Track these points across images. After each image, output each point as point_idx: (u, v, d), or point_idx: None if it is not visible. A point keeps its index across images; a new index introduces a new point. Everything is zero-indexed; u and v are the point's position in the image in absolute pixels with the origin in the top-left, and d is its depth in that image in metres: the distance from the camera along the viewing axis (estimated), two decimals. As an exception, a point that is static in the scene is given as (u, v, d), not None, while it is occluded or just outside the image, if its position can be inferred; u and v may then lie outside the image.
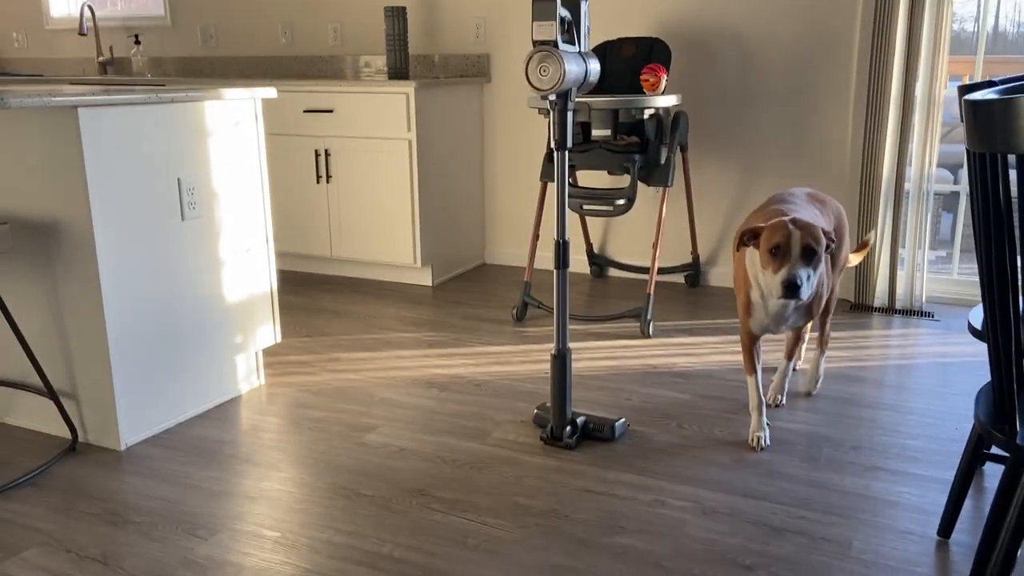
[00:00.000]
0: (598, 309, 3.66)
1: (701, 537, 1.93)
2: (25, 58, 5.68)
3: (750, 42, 3.72)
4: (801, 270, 2.09)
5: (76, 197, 2.23)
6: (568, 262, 2.34)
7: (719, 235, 3.97)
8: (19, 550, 1.89)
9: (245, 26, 4.86)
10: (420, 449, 2.38)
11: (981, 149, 1.25)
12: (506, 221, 4.42)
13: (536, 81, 2.15)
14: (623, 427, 2.45)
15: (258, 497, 2.13)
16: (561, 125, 2.27)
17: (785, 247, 2.10)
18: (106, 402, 2.36)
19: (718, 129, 3.87)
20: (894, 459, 2.29)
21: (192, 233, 2.53)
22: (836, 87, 3.62)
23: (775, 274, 2.12)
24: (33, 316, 2.41)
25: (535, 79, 2.15)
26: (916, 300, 3.58)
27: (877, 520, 1.99)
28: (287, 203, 4.19)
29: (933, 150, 3.43)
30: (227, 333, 2.69)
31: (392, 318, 3.57)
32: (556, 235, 2.33)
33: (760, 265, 2.19)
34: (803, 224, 2.12)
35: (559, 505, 2.07)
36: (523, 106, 4.25)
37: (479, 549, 1.89)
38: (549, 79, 2.13)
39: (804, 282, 2.10)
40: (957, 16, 3.98)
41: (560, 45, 2.14)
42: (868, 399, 2.69)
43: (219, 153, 2.59)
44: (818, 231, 2.13)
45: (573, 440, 2.37)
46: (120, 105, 2.28)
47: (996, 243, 1.31)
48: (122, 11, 5.39)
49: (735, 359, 3.04)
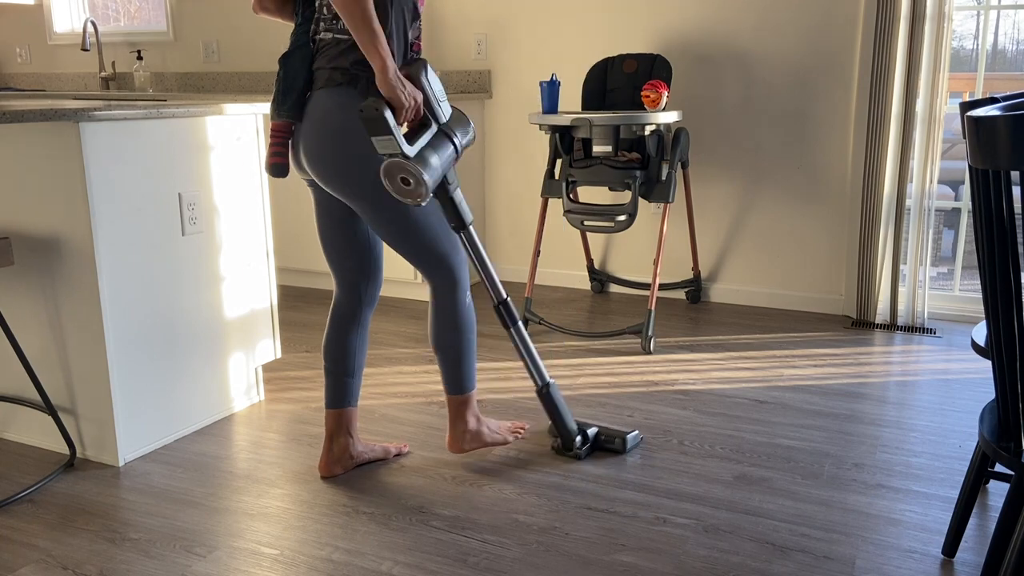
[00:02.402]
0: (599, 325, 3.65)
1: (703, 555, 1.91)
2: (28, 73, 5.71)
3: (751, 58, 3.74)
4: None
5: (77, 212, 2.23)
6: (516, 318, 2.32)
7: (720, 251, 3.97)
8: (15, 567, 1.88)
9: (247, 42, 4.88)
10: (420, 466, 2.37)
11: (984, 166, 1.25)
12: (507, 237, 4.42)
13: (403, 195, 1.98)
14: (635, 439, 2.46)
15: (257, 514, 2.11)
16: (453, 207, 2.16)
17: None
18: (105, 418, 2.35)
19: (719, 145, 3.88)
20: (897, 476, 2.28)
21: (193, 248, 2.53)
22: (837, 104, 3.63)
23: None
24: (32, 331, 2.41)
25: (402, 195, 1.98)
26: (918, 317, 3.57)
27: (880, 538, 1.97)
28: (288, 218, 4.19)
29: (934, 166, 3.43)
30: (227, 348, 2.68)
31: (392, 334, 3.56)
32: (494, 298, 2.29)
33: None
34: None
35: (560, 523, 2.06)
36: (524, 122, 4.26)
37: (479, 567, 1.87)
38: (414, 192, 1.97)
39: None
40: (957, 34, 4.00)
41: (407, 150, 1.95)
42: (870, 416, 2.67)
43: (220, 168, 2.59)
44: None
45: (583, 451, 2.38)
46: (122, 120, 2.28)
47: (999, 259, 1.31)
48: (125, 27, 5.42)
49: (737, 375, 3.03)
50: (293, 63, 2.10)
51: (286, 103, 2.09)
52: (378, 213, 2.09)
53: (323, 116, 2.04)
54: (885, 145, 3.44)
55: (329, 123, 2.03)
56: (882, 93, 3.40)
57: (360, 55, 2.00)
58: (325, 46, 2.08)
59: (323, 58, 2.07)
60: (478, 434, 2.37)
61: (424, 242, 2.15)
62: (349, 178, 2.05)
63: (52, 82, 5.63)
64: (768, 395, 2.84)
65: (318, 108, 2.05)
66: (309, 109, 2.07)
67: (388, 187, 1.98)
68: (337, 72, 2.04)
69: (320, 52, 2.09)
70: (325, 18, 2.08)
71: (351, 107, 2.01)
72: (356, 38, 1.90)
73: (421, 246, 2.15)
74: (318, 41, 2.10)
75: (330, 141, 2.03)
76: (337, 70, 2.04)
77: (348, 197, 2.09)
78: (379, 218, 2.10)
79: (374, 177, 2.04)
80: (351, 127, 2.02)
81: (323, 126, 2.03)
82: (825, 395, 2.84)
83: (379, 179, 2.03)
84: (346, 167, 2.04)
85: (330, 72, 2.05)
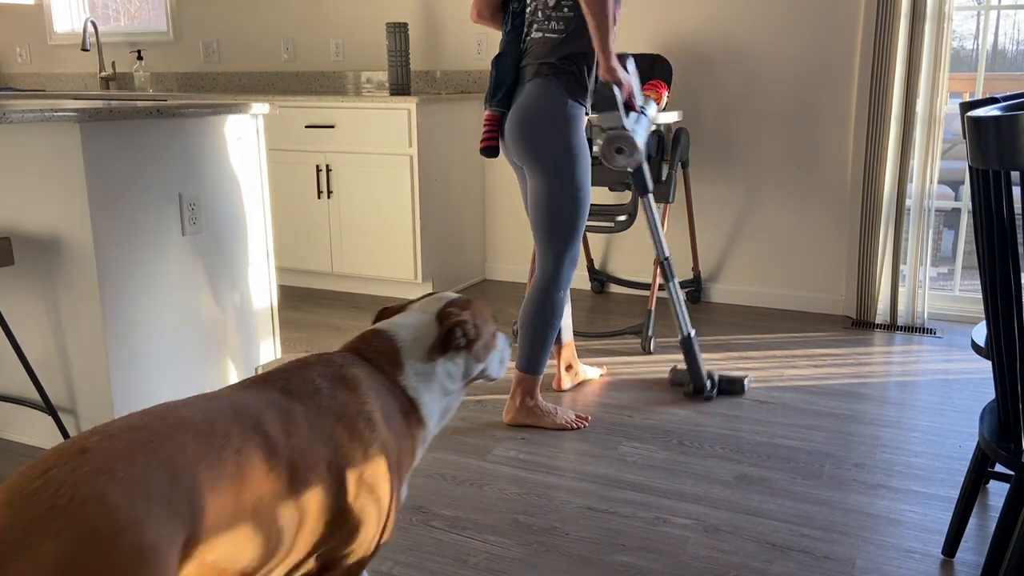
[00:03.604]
0: (599, 325, 3.65)
1: (703, 555, 1.91)
2: (28, 73, 5.71)
3: (751, 59, 3.73)
4: None
5: (77, 212, 2.23)
6: (673, 275, 2.81)
7: (720, 251, 3.97)
8: (16, 567, 1.88)
9: (247, 42, 4.88)
10: (420, 466, 2.36)
11: (984, 166, 1.25)
12: (507, 237, 4.42)
13: (612, 162, 2.47)
14: (750, 382, 2.92)
15: (257, 514, 2.11)
16: (640, 175, 2.73)
17: None
18: (104, 418, 2.35)
19: (719, 145, 3.87)
20: (897, 477, 2.28)
21: (192, 248, 2.53)
22: (837, 104, 3.63)
23: None
24: (33, 331, 2.41)
25: (610, 161, 2.46)
26: (918, 317, 3.57)
27: (880, 538, 1.97)
28: (288, 218, 4.19)
29: (934, 166, 3.43)
30: (227, 348, 2.68)
31: (392, 333, 3.56)
32: (660, 254, 2.79)
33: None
34: None
35: (560, 523, 2.06)
36: (524, 122, 4.25)
37: (480, 567, 1.87)
38: (630, 158, 2.46)
39: None
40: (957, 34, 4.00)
41: (626, 123, 2.42)
42: (870, 416, 2.67)
43: (220, 168, 2.59)
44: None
45: (713, 393, 2.82)
46: (121, 120, 2.28)
47: (999, 260, 1.31)
48: (125, 27, 5.42)
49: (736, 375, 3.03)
50: (504, 63, 2.52)
51: (496, 96, 2.53)
52: (543, 183, 2.45)
53: (526, 103, 2.44)
54: (885, 145, 3.44)
55: (529, 108, 2.43)
56: (882, 93, 3.40)
57: (567, 51, 2.39)
58: (534, 44, 2.46)
59: (531, 56, 2.46)
60: (530, 412, 2.61)
61: (555, 225, 2.48)
62: (534, 149, 2.43)
63: (52, 82, 5.63)
64: (768, 395, 2.84)
65: (524, 97, 2.45)
66: (517, 99, 2.48)
67: (601, 154, 2.46)
68: (544, 66, 2.42)
69: (528, 51, 2.48)
70: (538, 20, 2.45)
71: (550, 96, 2.40)
72: (595, 33, 2.28)
73: (551, 228, 2.48)
74: (528, 42, 2.49)
75: (528, 120, 2.43)
76: (544, 64, 2.42)
77: (528, 163, 2.46)
78: (540, 188, 2.46)
79: (553, 152, 2.42)
80: (546, 111, 2.40)
81: (524, 111, 2.44)
82: (825, 395, 2.84)
83: (557, 156, 2.41)
84: (534, 138, 2.42)
85: (537, 67, 2.43)
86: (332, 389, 1.26)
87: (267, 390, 1.21)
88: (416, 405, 1.39)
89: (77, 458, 0.95)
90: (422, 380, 1.40)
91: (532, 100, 2.42)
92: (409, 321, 1.44)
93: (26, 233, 2.34)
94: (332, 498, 1.20)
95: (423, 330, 1.42)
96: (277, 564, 1.16)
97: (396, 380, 1.37)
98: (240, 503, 1.07)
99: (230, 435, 1.09)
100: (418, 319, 1.44)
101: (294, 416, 1.19)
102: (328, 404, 1.24)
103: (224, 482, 1.05)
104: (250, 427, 1.12)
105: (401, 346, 1.39)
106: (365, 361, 1.36)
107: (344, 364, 1.31)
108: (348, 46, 4.60)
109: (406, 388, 1.38)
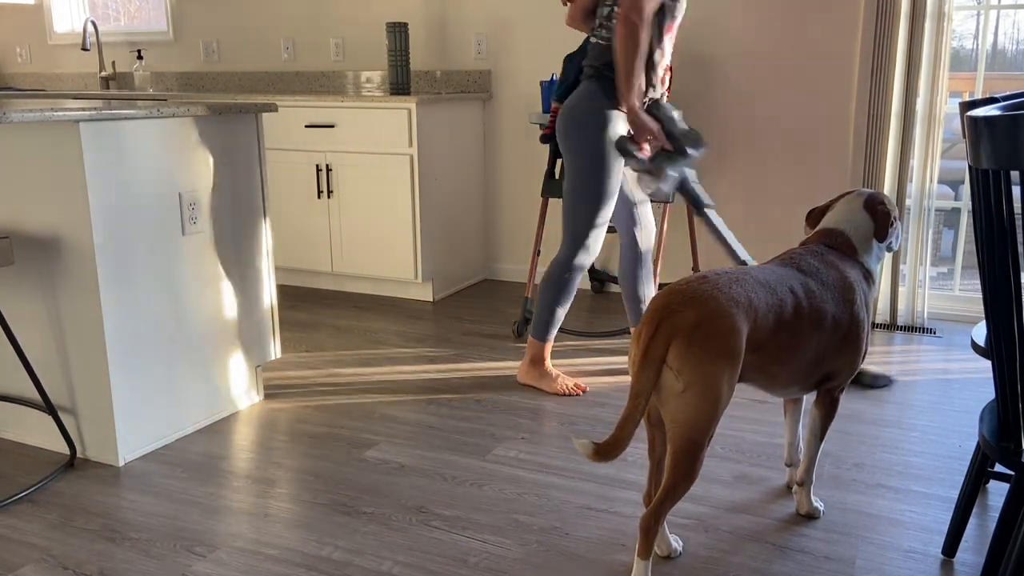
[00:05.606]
0: (599, 325, 3.65)
1: (703, 555, 1.91)
2: (28, 73, 5.71)
3: (750, 58, 3.73)
4: None
5: (77, 211, 2.23)
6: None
7: (720, 251, 3.96)
8: (16, 567, 1.88)
9: (247, 41, 4.88)
10: (420, 466, 2.37)
11: (984, 165, 1.25)
12: (507, 237, 4.42)
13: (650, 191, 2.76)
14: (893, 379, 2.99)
15: (257, 514, 2.11)
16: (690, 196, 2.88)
17: None
18: (105, 417, 2.35)
19: (718, 146, 3.87)
20: (897, 476, 2.28)
21: (192, 248, 2.53)
22: (837, 103, 3.63)
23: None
24: (33, 330, 2.41)
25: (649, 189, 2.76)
26: (918, 316, 3.57)
27: (880, 538, 1.97)
28: (288, 218, 4.19)
29: (934, 166, 3.43)
30: (227, 348, 2.68)
31: (392, 333, 3.57)
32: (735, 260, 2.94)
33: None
34: None
35: (560, 523, 2.06)
36: (524, 122, 4.26)
37: (480, 567, 1.87)
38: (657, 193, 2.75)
39: None
40: (956, 33, 3.99)
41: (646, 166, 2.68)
42: (870, 416, 2.67)
43: (220, 168, 2.59)
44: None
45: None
46: (121, 120, 2.28)
47: (999, 259, 1.31)
48: (125, 26, 5.42)
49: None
50: (572, 62, 2.97)
51: (559, 90, 3.02)
52: (572, 175, 2.70)
53: (571, 101, 2.68)
54: (885, 144, 3.44)
55: (572, 106, 2.67)
56: (882, 92, 3.40)
57: (610, 58, 2.59)
58: (590, 49, 2.67)
59: (587, 59, 2.69)
60: (535, 374, 2.92)
61: (576, 215, 2.73)
62: (570, 144, 2.68)
63: (52, 82, 5.63)
64: (768, 395, 2.83)
65: (572, 96, 2.69)
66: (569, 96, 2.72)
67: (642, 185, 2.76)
68: (590, 68, 2.66)
69: (587, 54, 2.69)
70: (595, 25, 2.67)
71: (591, 97, 2.63)
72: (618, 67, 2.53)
73: (573, 216, 2.74)
74: (588, 46, 2.70)
75: (567, 117, 2.67)
76: (590, 67, 2.66)
77: (564, 155, 2.72)
78: (570, 179, 2.71)
79: (586, 150, 2.64)
80: (584, 111, 2.64)
81: (568, 108, 2.68)
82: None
83: (589, 154, 2.64)
84: (570, 135, 2.67)
85: (586, 68, 2.68)
86: (826, 268, 1.92)
87: (791, 268, 1.90)
88: (870, 272, 2.02)
89: (701, 280, 1.73)
90: (869, 256, 2.03)
91: (576, 99, 2.66)
92: (849, 218, 2.04)
93: (26, 233, 2.34)
94: (831, 338, 1.88)
95: (861, 222, 2.03)
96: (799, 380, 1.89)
97: (856, 259, 2.00)
98: (778, 329, 1.78)
99: (777, 290, 1.80)
100: (855, 216, 2.04)
101: (809, 286, 1.86)
102: (825, 278, 1.90)
103: (771, 314, 1.77)
104: (787, 288, 1.82)
105: (851, 236, 2.02)
106: (833, 249, 2.00)
107: (825, 253, 1.98)
108: (348, 46, 4.60)
109: (863, 262, 2.01)
